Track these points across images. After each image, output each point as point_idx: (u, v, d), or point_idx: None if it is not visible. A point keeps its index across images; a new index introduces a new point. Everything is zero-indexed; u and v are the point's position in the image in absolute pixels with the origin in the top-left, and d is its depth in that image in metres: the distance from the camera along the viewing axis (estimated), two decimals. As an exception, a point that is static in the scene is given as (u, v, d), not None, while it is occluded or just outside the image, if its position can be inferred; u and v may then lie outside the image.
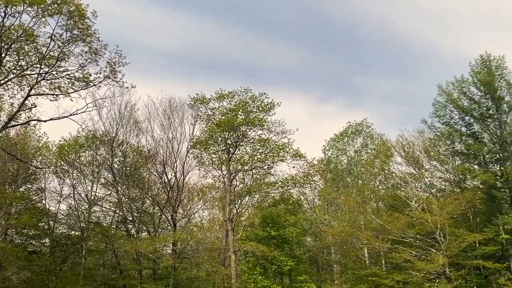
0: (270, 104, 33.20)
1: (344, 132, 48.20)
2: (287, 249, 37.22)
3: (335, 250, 45.44)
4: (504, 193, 34.13)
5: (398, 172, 40.38)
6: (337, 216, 45.51)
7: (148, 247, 29.75)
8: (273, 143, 34.21)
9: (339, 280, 41.96)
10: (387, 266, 37.20)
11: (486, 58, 35.53)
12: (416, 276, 31.72)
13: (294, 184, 37.05)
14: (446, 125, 37.32)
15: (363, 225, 38.75)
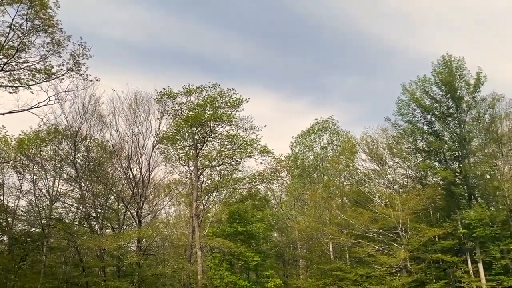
0: (238, 100, 33.03)
1: (311, 129, 48.85)
2: (254, 245, 37.37)
3: (301, 245, 46.07)
4: (462, 189, 35.55)
5: (362, 168, 41.35)
6: (303, 212, 46.14)
7: (112, 244, 29.11)
8: (241, 139, 34.12)
9: (305, 274, 42.58)
10: (351, 261, 38.07)
11: (447, 59, 36.74)
12: (379, 270, 32.64)
13: (261, 180, 37.18)
14: (409, 123, 38.41)
15: (328, 220, 39.43)
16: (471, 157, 36.22)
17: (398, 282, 31.40)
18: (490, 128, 35.65)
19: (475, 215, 32.47)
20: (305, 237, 42.80)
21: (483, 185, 36.23)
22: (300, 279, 40.78)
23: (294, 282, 39.58)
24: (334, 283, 35.24)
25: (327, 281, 35.70)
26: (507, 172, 34.95)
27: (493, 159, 34.99)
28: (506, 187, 33.08)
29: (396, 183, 39.75)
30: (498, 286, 31.97)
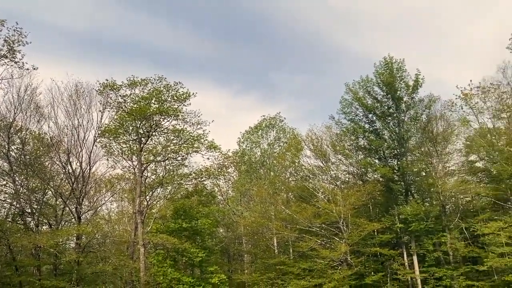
0: (185, 94, 32.54)
1: (258, 126, 49.16)
2: (199, 241, 37.17)
3: (246, 240, 46.39)
4: (400, 185, 37.30)
5: (307, 164, 42.26)
6: (249, 207, 46.45)
7: (48, 241, 27.70)
8: (188, 134, 33.70)
9: (249, 269, 42.93)
10: (295, 255, 38.86)
11: (389, 60, 38.29)
12: (321, 264, 33.57)
13: (208, 175, 36.96)
14: (352, 121, 39.68)
15: (274, 216, 39.97)
16: (409, 155, 38.05)
17: (338, 275, 32.45)
18: (426, 128, 37.60)
19: (411, 210, 34.17)
20: (251, 232, 43.15)
21: (419, 182, 38.19)
22: (245, 274, 41.09)
23: (239, 277, 39.83)
24: (277, 277, 35.81)
25: (270, 275, 36.22)
26: (441, 170, 37.11)
27: (429, 158, 37.00)
28: (440, 184, 35.09)
29: (338, 179, 40.98)
30: (430, 277, 33.94)
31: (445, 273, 33.47)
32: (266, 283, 35.94)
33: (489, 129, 36.96)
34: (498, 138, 36.32)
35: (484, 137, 35.76)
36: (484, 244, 32.76)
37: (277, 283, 35.36)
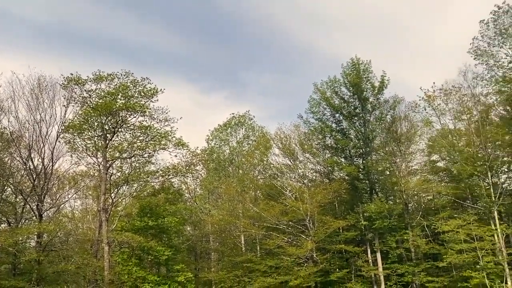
0: (153, 90, 32.08)
1: (227, 123, 49.09)
2: (165, 239, 36.79)
3: (214, 238, 46.28)
4: (365, 184, 38.09)
5: (275, 163, 42.48)
6: (217, 205, 46.38)
7: (7, 240, 26.71)
8: (155, 130, 33.23)
9: (216, 267, 42.86)
10: (262, 252, 39.09)
11: (356, 62, 38.98)
12: (287, 261, 33.91)
13: (175, 173, 36.62)
14: (319, 121, 40.20)
15: (241, 213, 40.05)
16: (374, 155, 38.92)
17: (304, 272, 32.88)
18: (391, 128, 38.54)
19: (375, 208, 34.96)
20: (218, 230, 43.07)
21: (383, 181, 39.12)
22: (212, 272, 40.98)
23: (205, 275, 39.69)
24: (244, 275, 35.92)
25: (237, 273, 36.29)
26: (404, 169, 38.16)
27: (393, 157, 37.96)
28: (403, 183, 36.07)
29: (306, 177, 41.41)
30: (393, 273, 34.89)
31: (407, 270, 34.48)
32: (233, 281, 35.98)
33: (450, 130, 38.28)
34: (458, 139, 37.68)
35: (445, 138, 37.00)
36: (444, 241, 33.90)
37: (243, 280, 35.47)
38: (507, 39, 34.30)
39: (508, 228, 32.30)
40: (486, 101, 37.05)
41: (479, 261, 30.76)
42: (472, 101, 35.81)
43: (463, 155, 34.35)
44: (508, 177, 39.76)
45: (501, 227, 31.59)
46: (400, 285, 34.51)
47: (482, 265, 30.52)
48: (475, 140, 33.93)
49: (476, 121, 34.80)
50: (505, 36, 34.30)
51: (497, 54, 34.81)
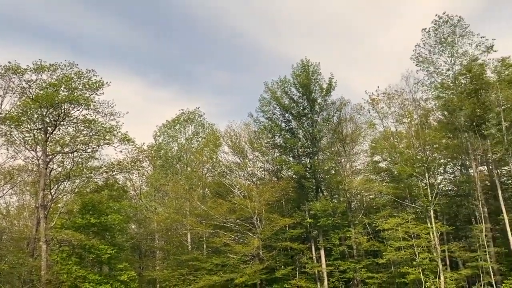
0: (98, 83, 31.00)
1: (176, 119, 48.37)
2: (108, 237, 35.61)
3: (159, 237, 45.45)
4: (311, 182, 38.96)
5: (224, 161, 42.44)
6: (164, 203, 45.55)
7: None
8: (100, 125, 32.12)
9: (161, 266, 42.11)
10: (208, 250, 38.93)
11: (306, 63, 39.70)
12: (233, 259, 33.98)
13: (120, 169, 35.50)
14: (269, 120, 40.59)
15: (189, 212, 39.63)
16: (320, 154, 39.87)
17: (250, 269, 33.10)
18: (337, 129, 39.69)
19: (320, 206, 35.86)
20: (164, 229, 42.32)
21: (328, 180, 40.23)
22: (156, 271, 40.22)
23: (150, 274, 38.90)
24: (189, 273, 35.56)
25: (183, 271, 35.87)
26: (348, 169, 39.48)
27: (338, 157, 39.13)
28: (347, 182, 37.27)
29: (254, 175, 41.73)
30: (336, 270, 35.98)
31: (349, 266, 35.69)
32: (178, 279, 35.52)
33: (392, 133, 40.07)
34: (399, 141, 39.52)
35: (387, 140, 38.64)
36: (384, 238, 35.41)
37: (189, 279, 35.10)
38: (446, 48, 36.41)
39: (443, 227, 34.33)
40: (426, 106, 39.21)
41: (416, 257, 32.44)
42: (413, 105, 37.69)
43: (403, 156, 36.04)
44: (443, 178, 42.36)
45: (436, 225, 33.50)
46: (342, 281, 35.67)
47: (418, 261, 32.20)
48: (414, 142, 35.72)
49: (416, 124, 36.64)
50: (444, 45, 36.40)
51: (437, 61, 36.93)
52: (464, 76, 34.05)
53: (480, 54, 35.15)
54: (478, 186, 34.11)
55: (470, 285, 34.80)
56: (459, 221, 42.33)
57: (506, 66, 32.96)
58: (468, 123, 33.46)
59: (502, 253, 34.13)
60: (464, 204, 39.87)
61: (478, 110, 32.45)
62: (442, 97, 36.38)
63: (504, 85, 31.84)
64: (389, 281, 35.02)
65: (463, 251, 33.90)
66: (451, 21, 36.11)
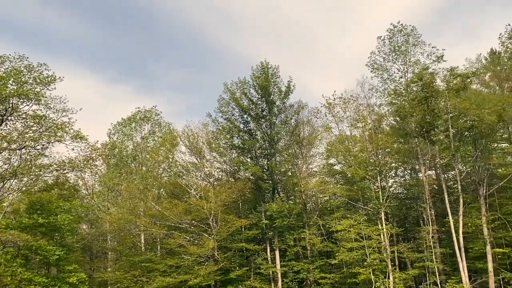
0: (50, 77, 29.69)
1: (132, 118, 47.29)
2: (58, 238, 34.23)
3: (112, 237, 44.21)
4: (268, 184, 39.27)
5: (181, 161, 41.91)
6: (117, 203, 44.36)
7: None
8: (51, 121, 30.77)
9: (113, 267, 40.97)
10: (162, 252, 38.31)
11: (265, 65, 39.97)
12: (188, 260, 33.63)
13: (72, 167, 34.15)
14: (228, 120, 40.52)
15: (143, 212, 38.84)
16: (278, 156, 40.25)
17: (204, 271, 32.91)
18: (294, 132, 40.27)
19: (276, 207, 36.20)
20: (117, 229, 41.18)
21: (285, 181, 40.68)
22: (108, 272, 39.09)
23: (101, 276, 37.73)
24: (142, 275, 34.85)
25: (135, 273, 35.10)
26: (305, 171, 40.15)
27: (295, 159, 39.70)
28: (303, 184, 37.89)
29: (212, 176, 41.49)
30: (290, 270, 36.43)
31: (303, 267, 36.26)
32: (130, 281, 34.71)
33: (347, 136, 41.14)
34: (353, 144, 40.63)
35: (342, 143, 39.63)
36: (337, 239, 36.26)
37: (141, 280, 34.39)
38: (399, 56, 37.88)
39: (393, 228, 35.62)
40: (379, 111, 40.57)
41: (367, 258, 33.44)
42: (367, 110, 38.89)
43: (357, 159, 37.07)
44: (394, 182, 44.00)
45: (386, 227, 34.72)
46: (295, 282, 36.14)
47: (369, 262, 33.21)
48: (368, 146, 36.87)
49: (370, 129, 37.83)
50: (398, 53, 37.86)
51: (391, 68, 38.37)
52: (416, 84, 35.42)
53: (431, 63, 36.84)
54: (426, 189, 35.65)
55: (417, 285, 36.25)
56: (408, 223, 44.13)
57: (455, 75, 34.59)
58: (418, 129, 34.87)
59: (447, 254, 35.84)
60: (413, 206, 41.59)
61: (428, 117, 33.87)
62: (395, 103, 37.74)
63: (452, 93, 33.41)
64: (341, 281, 35.88)
65: (411, 252, 35.30)
66: (405, 30, 37.61)
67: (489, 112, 31.24)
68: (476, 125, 32.72)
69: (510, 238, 33.99)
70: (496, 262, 33.40)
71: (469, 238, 34.90)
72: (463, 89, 33.88)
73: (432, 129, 34.43)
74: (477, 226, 33.48)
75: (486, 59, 43.85)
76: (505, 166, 35.24)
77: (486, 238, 32.43)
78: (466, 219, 33.82)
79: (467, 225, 33.65)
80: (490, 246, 32.43)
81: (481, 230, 33.13)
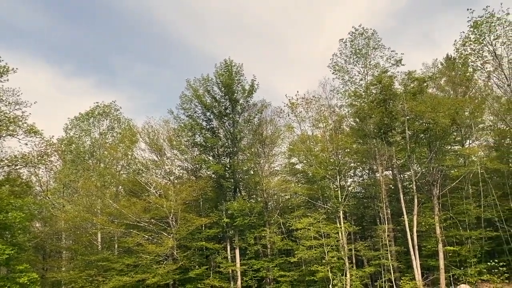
0: (2, 68, 28.56)
1: (90, 112, 45.84)
2: (8, 236, 32.65)
3: (66, 236, 42.73)
4: (230, 182, 39.11)
5: (141, 158, 41.07)
6: (73, 200, 42.91)
7: None
8: (2, 114, 29.60)
9: (67, 267, 39.59)
10: (119, 250, 37.42)
11: (229, 63, 39.70)
12: (146, 259, 33.02)
13: (25, 163, 32.86)
14: (190, 117, 39.99)
15: (100, 210, 37.78)
16: (240, 154, 40.19)
17: (163, 269, 32.42)
18: (257, 130, 40.35)
19: (237, 206, 36.14)
20: (72, 227, 39.81)
21: (247, 180, 40.71)
22: (62, 272, 37.73)
23: (54, 276, 36.35)
24: (98, 274, 33.89)
25: (91, 272, 34.08)
26: (267, 170, 40.37)
27: (257, 158, 39.80)
28: (265, 182, 38.06)
29: (172, 174, 40.92)
30: (249, 269, 36.51)
31: (262, 265, 36.44)
32: (85, 281, 33.64)
33: (309, 136, 41.71)
34: (315, 144, 41.22)
35: (304, 143, 40.08)
36: (297, 238, 36.69)
37: (97, 280, 33.41)
38: (360, 59, 38.72)
39: (350, 227, 36.45)
40: (340, 112, 41.36)
41: (325, 256, 34.03)
42: (328, 111, 39.58)
43: (317, 159, 37.62)
44: (353, 181, 45.04)
45: (344, 225, 35.48)
46: (255, 280, 36.26)
47: (327, 259, 33.82)
48: (328, 146, 37.50)
49: (331, 129, 38.49)
50: (359, 56, 38.68)
51: (352, 71, 39.12)
52: (375, 87, 36.31)
53: (390, 67, 37.85)
54: (383, 189, 36.72)
55: (373, 282, 37.27)
56: (365, 222, 45.30)
57: (412, 79, 35.74)
58: (376, 130, 35.81)
59: (402, 252, 37.06)
60: (370, 205, 42.73)
61: (386, 118, 34.85)
62: (355, 105, 38.57)
63: (409, 96, 34.52)
64: (299, 279, 36.32)
65: (368, 250, 36.26)
66: (366, 33, 38.47)
67: (444, 115, 32.53)
68: (431, 127, 33.97)
69: (461, 236, 35.62)
70: (447, 260, 34.87)
71: (422, 237, 36.21)
72: (420, 92, 35.07)
73: (390, 130, 35.46)
74: (430, 225, 34.79)
75: (441, 64, 45.59)
76: (457, 168, 36.77)
77: (438, 236, 33.75)
78: (420, 218, 35.09)
79: (421, 224, 34.91)
80: (442, 244, 33.78)
81: (434, 229, 34.47)
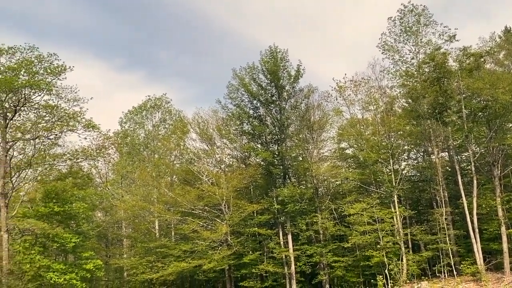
0: (60, 67, 30.00)
1: (143, 106, 47.56)
2: (73, 226, 34.86)
3: (126, 224, 44.91)
4: (279, 169, 39.23)
5: (192, 148, 42.14)
6: (131, 190, 44.93)
7: None
8: (62, 110, 31.19)
9: (128, 254, 41.71)
10: (176, 237, 38.81)
11: (274, 50, 39.49)
12: (202, 245, 34.04)
13: (85, 156, 34.68)
14: (237, 106, 40.34)
15: (156, 199, 39.26)
16: (288, 141, 40.11)
17: (218, 255, 33.28)
18: (305, 116, 39.98)
19: (288, 192, 36.20)
20: (131, 216, 41.79)
21: (296, 166, 40.58)
22: (123, 259, 39.81)
23: (116, 262, 38.44)
24: (157, 260, 35.40)
25: (150, 258, 35.67)
26: (316, 156, 40.02)
27: (305, 144, 39.56)
28: (314, 168, 37.79)
29: (223, 162, 41.67)
30: (302, 254, 36.59)
31: (315, 251, 36.38)
32: (145, 267, 35.31)
33: (359, 120, 40.81)
34: (365, 128, 40.34)
35: (354, 127, 39.35)
36: (350, 223, 36.27)
37: (156, 266, 34.94)
38: (410, 36, 37.25)
39: (405, 211, 35.52)
40: (391, 93, 40.09)
41: (380, 241, 33.45)
42: (379, 92, 38.51)
43: (369, 143, 36.82)
44: (407, 164, 43.67)
45: (399, 210, 34.63)
46: (309, 266, 36.35)
47: (382, 244, 33.23)
48: (380, 129, 36.57)
49: (382, 111, 37.46)
50: (409, 34, 37.21)
51: (402, 50, 37.77)
52: (428, 65, 34.84)
53: (443, 43, 36.19)
54: (439, 171, 35.35)
55: (431, 267, 36.23)
56: (421, 206, 43.88)
57: (467, 55, 33.94)
58: (430, 111, 34.43)
59: (461, 236, 35.67)
60: (426, 189, 41.29)
61: (440, 98, 33.38)
62: (407, 85, 37.23)
63: (465, 73, 32.85)
64: (354, 264, 36.01)
65: (425, 234, 35.20)
66: (416, 10, 36.90)
67: (504, 91, 30.66)
68: (490, 105, 32.19)
69: (525, 218, 33.70)
70: (511, 243, 33.16)
71: (483, 220, 34.64)
72: (477, 68, 33.25)
73: (445, 110, 33.93)
74: (491, 207, 33.21)
75: (500, 37, 42.87)
76: (520, 146, 34.68)
77: (500, 219, 32.15)
78: (480, 200, 33.56)
79: (481, 207, 33.38)
80: (505, 227, 32.16)
81: (496, 211, 32.85)
